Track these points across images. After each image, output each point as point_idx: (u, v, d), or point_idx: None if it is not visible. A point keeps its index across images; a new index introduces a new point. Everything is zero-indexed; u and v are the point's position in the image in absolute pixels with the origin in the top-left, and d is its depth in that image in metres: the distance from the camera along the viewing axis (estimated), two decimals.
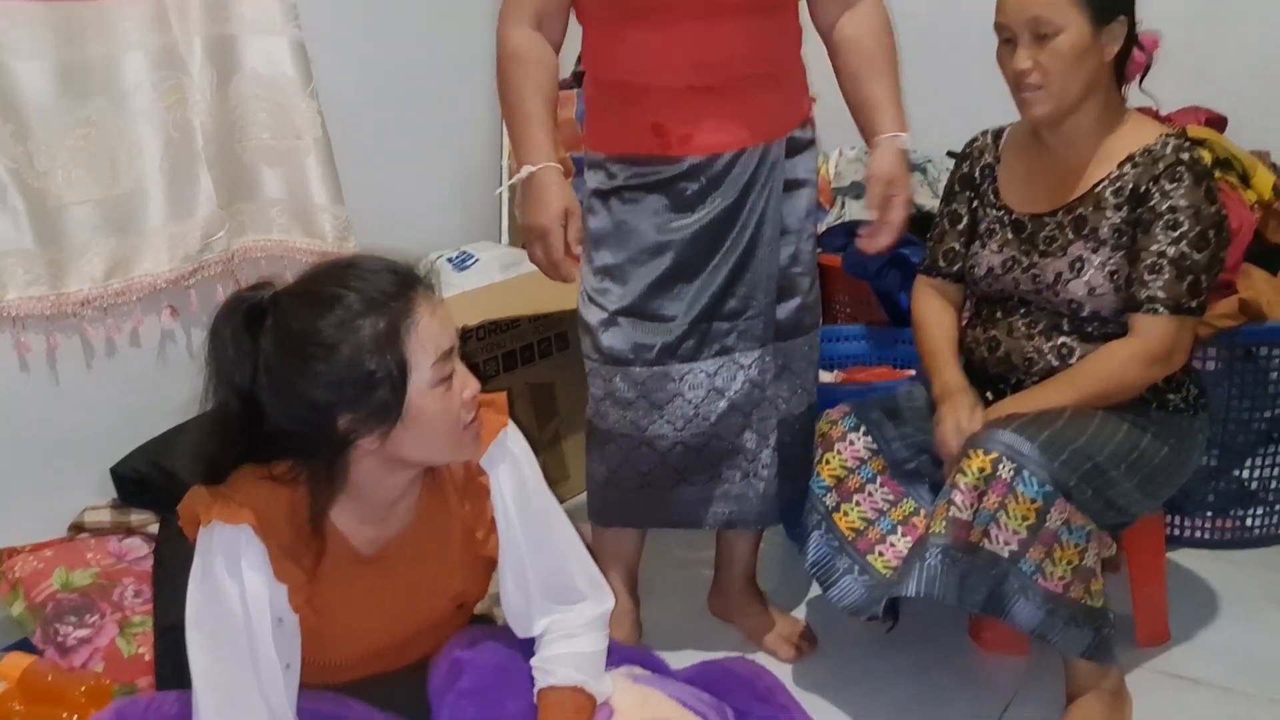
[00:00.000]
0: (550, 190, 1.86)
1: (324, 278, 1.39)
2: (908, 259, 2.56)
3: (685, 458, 2.03)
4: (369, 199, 2.66)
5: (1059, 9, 1.78)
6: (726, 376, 2.00)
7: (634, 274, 1.96)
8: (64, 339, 2.22)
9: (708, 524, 2.09)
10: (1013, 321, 1.94)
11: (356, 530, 1.47)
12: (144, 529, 2.24)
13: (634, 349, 1.97)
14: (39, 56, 2.09)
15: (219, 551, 1.38)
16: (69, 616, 2.05)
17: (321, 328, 1.33)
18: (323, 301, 1.35)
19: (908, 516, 1.94)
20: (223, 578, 1.38)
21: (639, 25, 1.86)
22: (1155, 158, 1.82)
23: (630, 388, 1.99)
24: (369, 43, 2.76)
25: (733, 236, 1.95)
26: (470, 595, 1.61)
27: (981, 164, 2.02)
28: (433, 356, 1.37)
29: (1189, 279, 1.79)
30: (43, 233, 2.12)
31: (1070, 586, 1.74)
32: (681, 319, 1.96)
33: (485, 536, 1.56)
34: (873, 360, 2.71)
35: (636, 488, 2.05)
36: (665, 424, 2.00)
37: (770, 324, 2.01)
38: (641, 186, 1.93)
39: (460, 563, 1.56)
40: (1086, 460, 1.75)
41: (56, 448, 2.24)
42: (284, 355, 1.34)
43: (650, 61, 1.87)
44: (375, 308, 1.34)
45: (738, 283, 1.97)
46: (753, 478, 2.06)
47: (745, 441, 2.04)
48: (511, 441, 1.56)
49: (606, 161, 1.96)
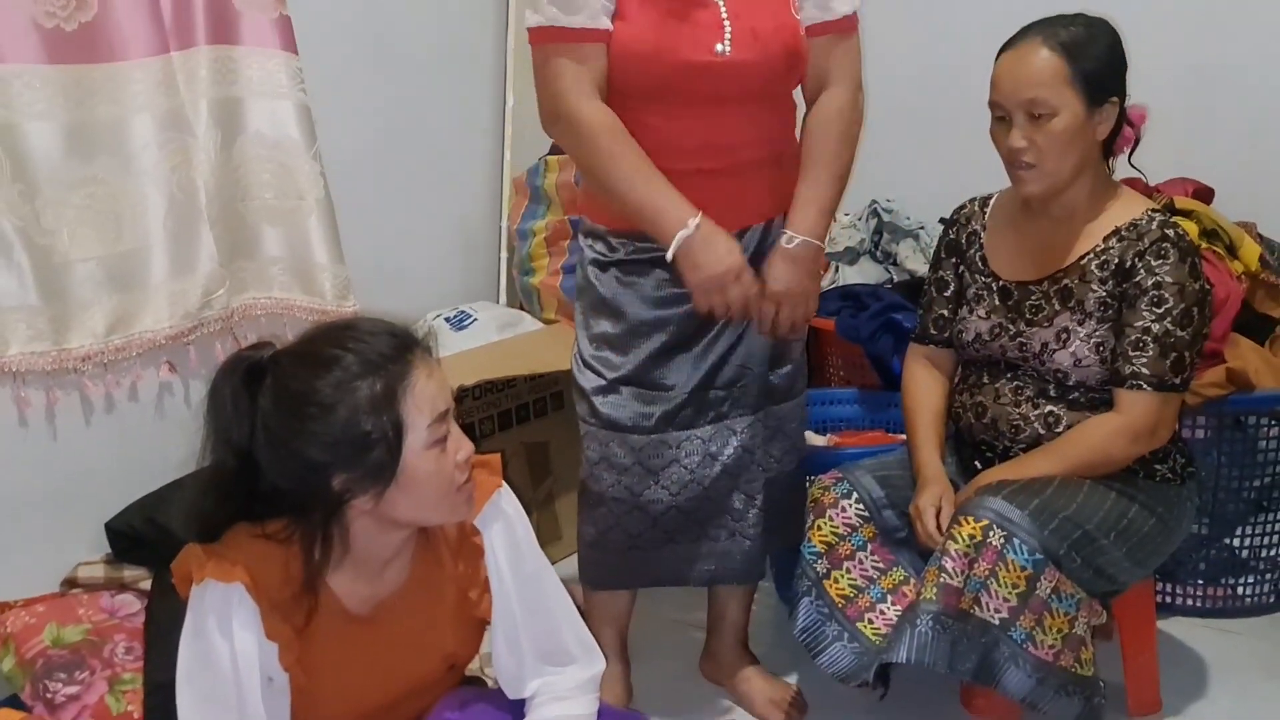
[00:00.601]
0: (720, 235, 1.86)
1: (323, 338, 1.41)
2: (900, 324, 2.59)
3: (676, 520, 2.04)
4: (369, 258, 2.69)
5: (1055, 91, 1.81)
6: (720, 442, 2.02)
7: (634, 345, 1.98)
8: (63, 394, 2.23)
9: (693, 580, 2.10)
10: (1000, 387, 1.96)
11: (349, 589, 1.47)
12: (137, 585, 2.23)
13: (633, 418, 1.99)
14: (49, 117, 2.12)
15: (211, 610, 1.39)
16: (59, 673, 2.04)
17: (319, 388, 1.34)
18: (321, 362, 1.36)
19: (897, 585, 1.94)
20: (214, 636, 1.38)
21: (648, 111, 1.89)
22: (1141, 233, 1.85)
23: (627, 454, 2.00)
24: (372, 106, 2.81)
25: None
26: (462, 656, 1.61)
27: (969, 231, 2.05)
28: (429, 418, 1.38)
29: (1173, 356, 1.81)
30: (46, 289, 2.14)
31: (1061, 655, 1.74)
32: (681, 388, 1.99)
33: (479, 597, 1.56)
34: (865, 424, 2.72)
35: (624, 549, 2.06)
36: (661, 489, 2.01)
37: (764, 391, 2.04)
38: (644, 261, 1.96)
39: (452, 623, 1.56)
40: (1076, 529, 1.77)
41: (52, 502, 2.24)
42: (281, 414, 1.35)
43: (657, 146, 1.89)
44: (372, 369, 1.36)
45: (734, 353, 2.00)
46: (738, 535, 2.08)
47: (733, 502, 2.06)
48: (505, 502, 1.57)
49: (608, 235, 1.98)
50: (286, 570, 1.41)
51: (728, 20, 1.86)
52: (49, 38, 2.11)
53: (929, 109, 2.99)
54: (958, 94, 2.26)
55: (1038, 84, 1.81)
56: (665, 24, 1.84)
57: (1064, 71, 1.81)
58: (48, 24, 2.10)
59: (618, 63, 1.86)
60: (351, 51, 2.74)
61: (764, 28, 1.88)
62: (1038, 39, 1.83)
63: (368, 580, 1.48)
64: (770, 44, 1.88)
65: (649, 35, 1.84)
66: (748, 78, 1.88)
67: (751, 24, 1.87)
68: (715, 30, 1.85)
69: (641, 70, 1.85)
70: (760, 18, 1.88)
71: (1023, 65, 1.83)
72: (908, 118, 2.96)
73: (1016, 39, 1.87)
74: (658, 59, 1.84)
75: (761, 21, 1.88)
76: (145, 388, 2.36)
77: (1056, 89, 1.81)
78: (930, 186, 2.69)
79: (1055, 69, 1.81)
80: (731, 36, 1.86)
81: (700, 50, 1.85)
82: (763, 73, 1.89)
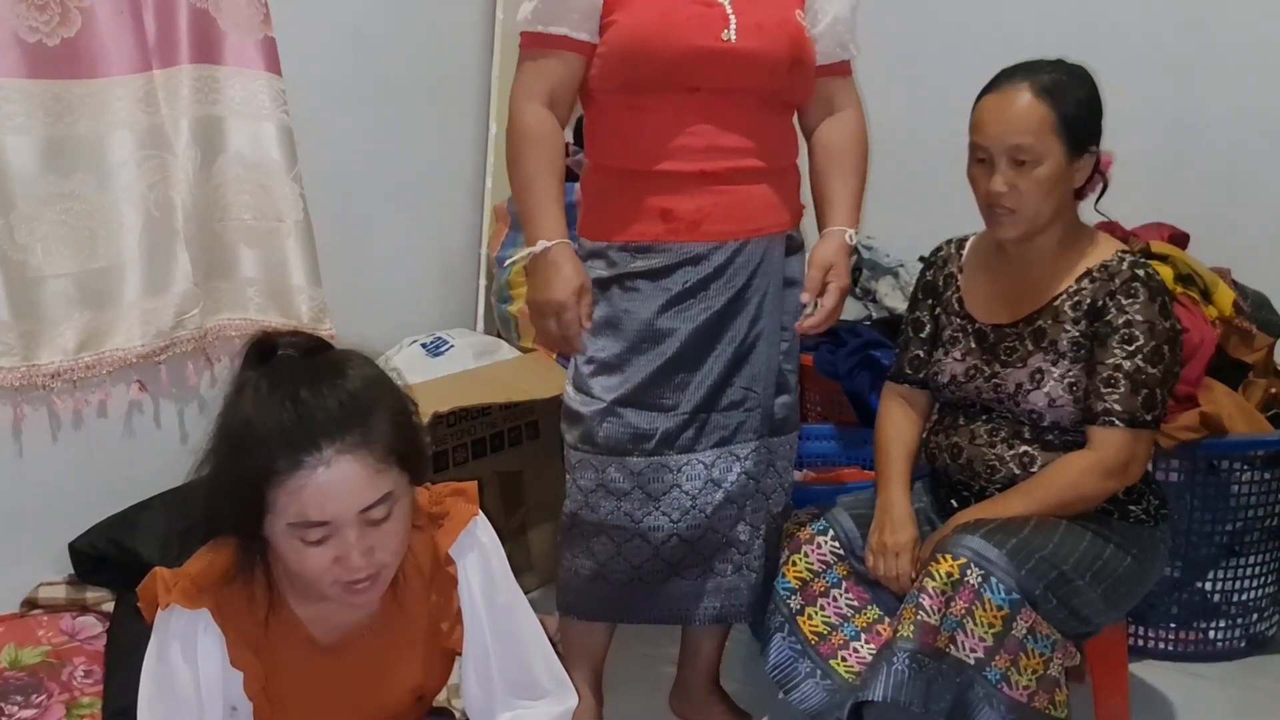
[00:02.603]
0: (565, 266, 1.91)
1: (305, 366, 1.34)
2: (878, 360, 2.59)
3: (679, 550, 2.01)
4: (347, 282, 2.68)
5: (1042, 139, 1.82)
6: (723, 468, 2.00)
7: (634, 362, 1.97)
8: (31, 411, 2.20)
9: (698, 620, 2.07)
10: (975, 428, 1.96)
11: (315, 618, 1.45)
12: (99, 607, 2.20)
13: (633, 438, 1.97)
14: (27, 132, 2.11)
15: (175, 636, 1.37)
16: (15, 696, 2.01)
17: (247, 412, 1.30)
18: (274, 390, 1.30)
19: (871, 624, 1.93)
20: (178, 662, 1.36)
21: (653, 108, 1.92)
22: (1112, 273, 1.87)
23: (626, 478, 1.98)
24: (354, 130, 2.80)
25: (734, 327, 1.98)
26: (430, 688, 1.58)
27: (945, 272, 2.05)
28: (292, 518, 1.29)
29: (1144, 393, 1.82)
30: (18, 304, 2.12)
31: (1035, 696, 1.73)
32: (682, 408, 1.98)
33: (450, 629, 1.54)
34: (842, 460, 2.72)
35: (627, 581, 2.03)
36: (661, 515, 1.99)
37: (768, 417, 2.04)
38: (644, 274, 1.96)
39: (422, 654, 1.53)
40: (1052, 569, 1.77)
41: (15, 520, 2.21)
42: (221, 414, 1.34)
43: (662, 146, 1.93)
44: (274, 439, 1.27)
45: (737, 374, 2.00)
46: (745, 570, 2.05)
47: (739, 534, 2.04)
48: (481, 532, 1.55)
49: (608, 250, 1.98)
50: (251, 597, 1.39)
51: (733, 14, 1.91)
52: (30, 52, 2.10)
53: (908, 148, 3.02)
54: (937, 133, 2.28)
55: (1024, 130, 1.82)
56: (672, 11, 1.89)
57: (1050, 119, 1.82)
58: (30, 38, 2.10)
59: (623, 50, 1.90)
60: (336, 75, 2.74)
61: (768, 22, 1.92)
62: (1024, 84, 1.84)
63: (334, 609, 1.45)
64: (776, 37, 1.92)
65: (656, 20, 1.88)
66: (753, 69, 1.91)
67: (756, 19, 1.92)
68: (721, 20, 1.90)
69: (648, 53, 1.89)
70: (763, 15, 1.93)
71: (1009, 110, 1.83)
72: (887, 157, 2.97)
73: (1000, 81, 1.87)
74: (664, 41, 1.88)
75: (765, 17, 1.93)
76: (115, 407, 2.34)
77: (1043, 136, 1.82)
78: (909, 225, 2.71)
79: (1042, 116, 1.82)
80: (737, 26, 1.90)
81: (707, 36, 1.89)
82: (769, 65, 1.92)
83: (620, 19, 1.90)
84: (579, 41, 1.92)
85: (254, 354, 1.36)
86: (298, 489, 1.27)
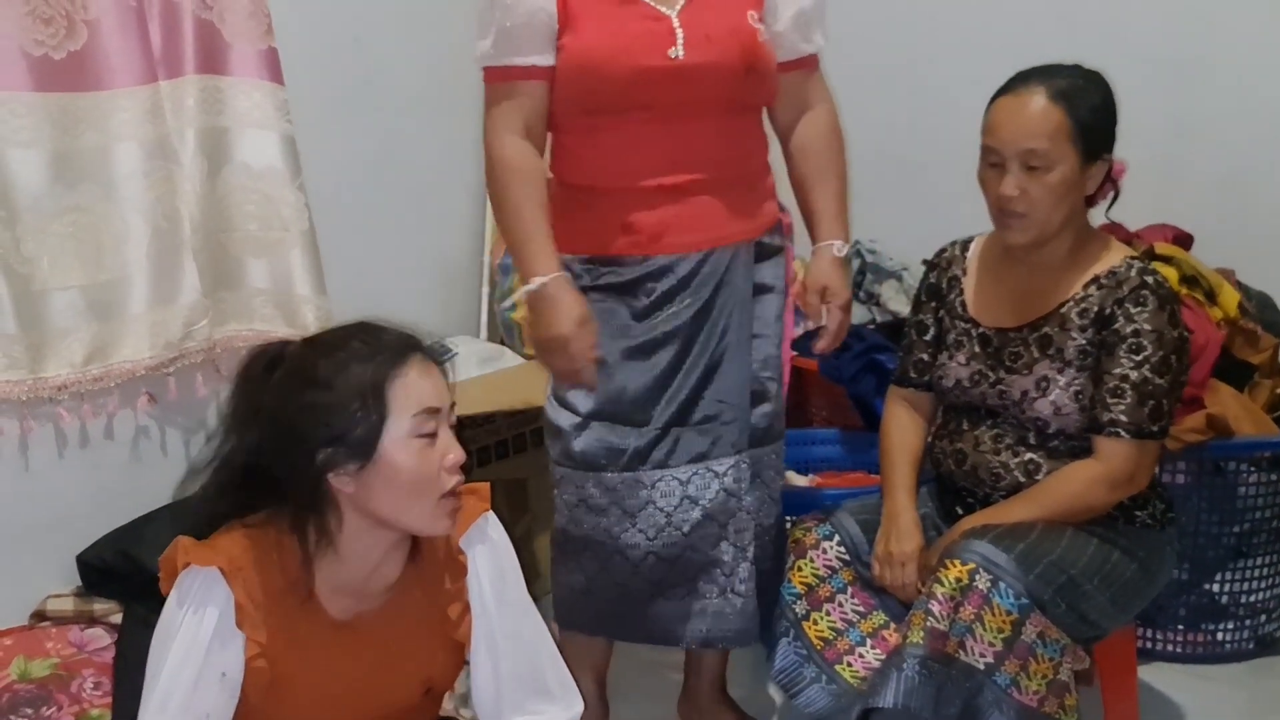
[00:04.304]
0: (565, 300, 1.90)
1: (337, 330, 1.48)
2: (883, 364, 2.59)
3: (659, 570, 2.00)
4: (351, 290, 2.68)
5: (1056, 144, 1.80)
6: (700, 484, 1.98)
7: (604, 376, 1.96)
8: (38, 423, 2.20)
9: (685, 642, 2.05)
10: (980, 434, 1.95)
11: (332, 595, 1.47)
12: (107, 619, 2.20)
13: (606, 453, 1.96)
14: (34, 145, 2.11)
15: (185, 591, 1.41)
16: (24, 708, 2.01)
17: (320, 365, 1.41)
18: (327, 346, 1.44)
19: (877, 629, 1.94)
20: (180, 616, 1.40)
21: (611, 127, 1.91)
22: (1120, 280, 1.85)
23: (603, 494, 1.98)
24: (356, 138, 2.81)
25: (703, 338, 1.97)
26: (439, 682, 1.59)
27: (949, 275, 2.04)
28: (414, 409, 1.41)
29: (1151, 404, 1.82)
30: (25, 317, 2.12)
31: (1045, 701, 1.73)
32: (654, 423, 1.96)
33: (459, 617, 1.55)
34: (847, 465, 2.72)
35: (615, 598, 2.02)
36: (637, 532, 1.98)
37: (745, 430, 2.01)
38: (610, 288, 1.95)
39: (431, 642, 1.55)
40: (1061, 574, 1.77)
41: (23, 533, 2.20)
42: (283, 389, 1.42)
43: (621, 164, 1.91)
44: (371, 356, 1.41)
45: (708, 387, 1.98)
46: (730, 593, 2.01)
47: (722, 554, 2.00)
48: (491, 528, 1.58)
49: (573, 262, 1.97)
50: (276, 561, 1.42)
51: (680, 28, 1.88)
52: (37, 65, 2.10)
53: (912, 150, 3.02)
54: (940, 135, 2.29)
55: (1039, 135, 1.80)
56: (618, 33, 1.87)
57: (1065, 125, 1.80)
58: (36, 52, 2.09)
59: (574, 75, 1.89)
60: (338, 84, 2.74)
61: (717, 32, 1.89)
62: (1039, 87, 1.81)
63: (352, 587, 1.48)
64: (726, 46, 1.89)
65: (601, 43, 1.87)
66: (705, 82, 1.89)
67: (705, 30, 1.89)
68: (667, 37, 1.88)
69: (598, 77, 1.87)
70: (714, 24, 1.90)
71: (1024, 113, 1.81)
72: (890, 160, 2.99)
73: (1015, 84, 1.85)
74: (612, 64, 1.86)
75: (715, 27, 1.90)
76: (122, 419, 2.33)
77: (1057, 142, 1.80)
78: (913, 228, 2.71)
79: (1057, 122, 1.80)
80: (684, 41, 1.88)
81: (653, 55, 1.87)
82: (721, 76, 1.90)
83: (569, 43, 1.88)
84: (542, 68, 1.90)
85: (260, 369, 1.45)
86: (413, 378, 1.42)
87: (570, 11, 1.87)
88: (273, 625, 1.42)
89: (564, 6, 1.87)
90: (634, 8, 1.88)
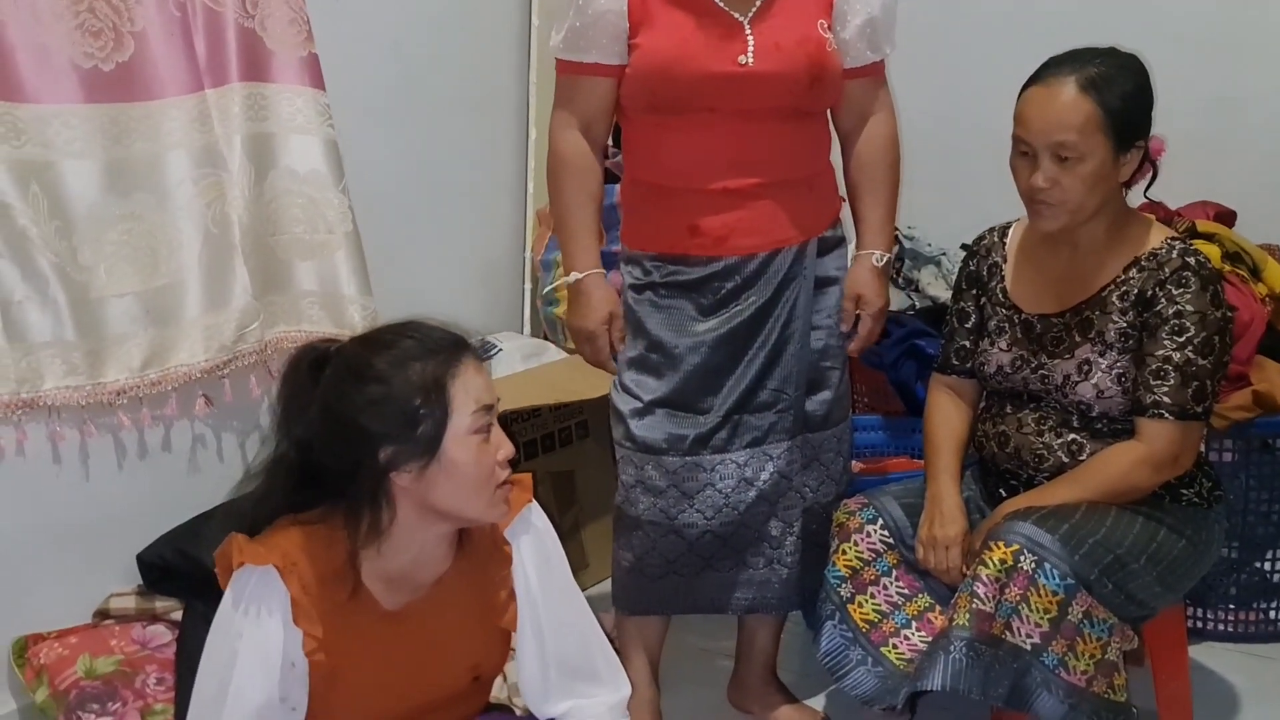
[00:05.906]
0: (595, 296, 2.01)
1: (385, 329, 1.51)
2: (923, 350, 2.59)
3: (712, 546, 2.06)
4: (395, 290, 2.71)
5: (1086, 136, 1.78)
6: (756, 467, 2.04)
7: (670, 368, 2.02)
8: (97, 428, 2.25)
9: (731, 609, 2.12)
10: (1023, 417, 1.96)
11: (383, 585, 1.50)
12: (168, 616, 2.25)
13: (668, 439, 2.02)
14: (87, 156, 2.16)
15: (243, 590, 1.44)
16: (91, 704, 2.06)
17: (376, 363, 1.44)
18: (381, 344, 1.47)
19: (922, 612, 1.94)
20: (241, 615, 1.43)
21: (678, 127, 1.95)
22: (1161, 262, 1.84)
23: (662, 476, 2.03)
24: (398, 140, 2.84)
25: (765, 332, 2.02)
26: (486, 669, 1.62)
27: (989, 262, 2.04)
28: (473, 405, 1.45)
29: (1194, 385, 1.81)
30: (83, 325, 2.17)
31: (1093, 680, 1.73)
32: (715, 411, 2.02)
33: (504, 604, 1.59)
34: (890, 450, 2.73)
35: (661, 575, 2.07)
36: (695, 513, 2.04)
37: (800, 417, 2.06)
38: (677, 284, 2.01)
39: (478, 630, 1.58)
40: (1107, 553, 1.77)
41: (84, 534, 2.26)
42: (339, 386, 1.44)
43: (687, 164, 1.96)
44: (427, 353, 1.45)
45: (769, 376, 2.03)
46: (776, 564, 2.09)
47: (770, 529, 2.07)
48: (536, 517, 1.62)
49: (643, 258, 2.03)
50: (329, 555, 1.45)
51: (751, 36, 1.92)
52: (87, 78, 2.14)
53: (949, 136, 3.01)
54: (977, 121, 2.29)
55: (1069, 127, 1.77)
56: (690, 37, 1.91)
57: (1096, 117, 1.77)
58: (85, 64, 2.14)
59: (643, 75, 1.94)
60: (378, 88, 2.78)
61: (787, 41, 1.93)
62: (1069, 77, 1.79)
63: (403, 578, 1.51)
64: (794, 56, 1.93)
65: (673, 46, 1.91)
66: (772, 90, 1.93)
67: (775, 39, 1.93)
68: (739, 43, 1.92)
69: (666, 78, 1.92)
70: (784, 33, 1.93)
71: (1053, 105, 1.79)
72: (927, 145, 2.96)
73: (1045, 73, 1.83)
74: (680, 67, 1.90)
75: (785, 36, 1.93)
76: (179, 422, 2.38)
77: (1087, 134, 1.77)
78: (950, 213, 2.71)
79: (1087, 114, 1.77)
80: (754, 49, 1.92)
81: (723, 61, 1.91)
82: (787, 85, 1.93)
83: (642, 43, 1.92)
84: (609, 66, 1.95)
85: (316, 370, 1.47)
86: (469, 375, 1.46)
87: (644, 13, 1.92)
88: (327, 618, 1.46)
89: (638, 8, 1.91)
90: (708, 13, 1.92)
